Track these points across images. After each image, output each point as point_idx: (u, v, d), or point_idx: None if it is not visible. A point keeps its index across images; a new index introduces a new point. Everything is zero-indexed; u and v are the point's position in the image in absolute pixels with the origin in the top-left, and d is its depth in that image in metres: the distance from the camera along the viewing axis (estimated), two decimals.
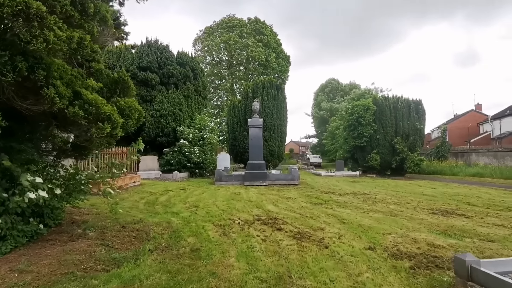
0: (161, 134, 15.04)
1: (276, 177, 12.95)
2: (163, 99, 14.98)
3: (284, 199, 9.18)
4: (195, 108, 16.58)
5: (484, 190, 12.66)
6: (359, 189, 12.11)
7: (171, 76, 15.30)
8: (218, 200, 8.56)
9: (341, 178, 18.35)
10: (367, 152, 20.57)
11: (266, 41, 46.12)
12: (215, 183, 12.87)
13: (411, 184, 15.05)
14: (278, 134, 20.49)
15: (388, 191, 11.62)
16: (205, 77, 18.20)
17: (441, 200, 9.37)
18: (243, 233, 5.17)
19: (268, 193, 10.37)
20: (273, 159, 20.54)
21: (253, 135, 13.02)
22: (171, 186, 11.18)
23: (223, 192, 10.16)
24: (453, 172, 20.48)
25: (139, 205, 7.31)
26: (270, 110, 20.20)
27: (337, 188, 12.24)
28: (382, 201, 9.08)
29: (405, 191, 11.73)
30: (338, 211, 7.46)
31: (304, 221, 6.20)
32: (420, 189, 12.64)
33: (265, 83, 20.87)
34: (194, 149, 14.77)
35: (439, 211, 7.50)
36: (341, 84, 58.80)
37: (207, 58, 48.69)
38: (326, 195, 10.14)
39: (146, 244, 4.34)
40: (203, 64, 47.86)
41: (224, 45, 43.63)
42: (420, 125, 20.01)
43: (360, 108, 20.59)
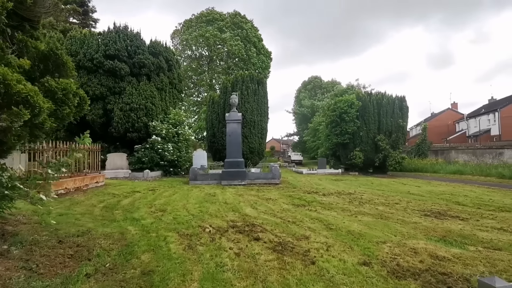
0: (132, 130, 13.82)
1: (255, 175, 12.14)
2: (134, 91, 13.74)
3: (264, 200, 8.37)
4: (169, 102, 15.44)
5: (468, 188, 12.43)
6: (343, 188, 11.52)
7: (143, 67, 14.08)
8: (190, 203, 7.64)
9: (323, 176, 17.80)
10: (350, 149, 20.16)
11: (246, 35, 45.12)
12: (189, 182, 11.90)
13: (395, 183, 14.68)
14: (259, 130, 19.69)
15: (374, 190, 11.08)
16: (181, 69, 17.08)
17: (430, 200, 8.89)
18: (213, 245, 4.30)
19: (246, 193, 9.53)
20: (253, 157, 19.73)
21: (231, 131, 12.13)
22: (140, 187, 10.11)
23: (197, 193, 9.22)
24: (434, 170, 20.46)
25: (94, 211, 6.26)
26: (250, 105, 19.34)
27: (321, 187, 11.59)
28: (369, 201, 8.46)
29: (391, 190, 11.25)
30: (323, 214, 6.75)
31: (285, 227, 5.41)
32: (405, 188, 12.23)
33: (245, 77, 19.98)
34: (168, 145, 13.68)
35: (431, 213, 6.94)
36: (323, 82, 58.87)
37: (187, 52, 47.18)
38: (309, 195, 9.43)
39: (84, 266, 3.39)
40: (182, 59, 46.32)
41: (203, 39, 42.22)
42: (403, 122, 19.81)
43: (344, 104, 20.12)
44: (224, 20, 44.87)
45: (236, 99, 12.42)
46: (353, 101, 20.03)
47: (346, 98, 20.66)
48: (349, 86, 31.43)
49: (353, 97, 20.50)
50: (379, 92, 20.86)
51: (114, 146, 14.45)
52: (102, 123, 13.78)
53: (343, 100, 20.51)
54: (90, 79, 13.39)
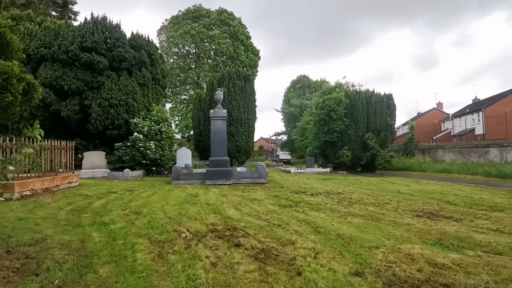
0: (111, 127, 13.10)
1: (241, 175, 11.66)
2: (113, 86, 13.01)
3: (249, 201, 7.92)
4: (152, 98, 14.77)
5: (456, 187, 12.30)
6: (331, 188, 11.17)
7: (123, 61, 13.36)
8: (169, 204, 7.10)
9: (311, 175, 17.48)
10: (338, 148, 19.92)
11: (234, 32, 44.54)
12: (172, 182, 11.32)
13: (384, 181, 14.48)
14: (246, 128, 19.21)
15: (363, 190, 10.78)
16: (164, 65, 16.41)
17: (421, 200, 8.62)
18: (188, 253, 3.82)
19: (231, 193, 9.05)
20: (240, 156, 19.25)
21: (216, 128, 11.61)
22: (117, 187, 9.48)
23: (178, 194, 8.68)
24: (421, 169, 20.45)
25: (59, 215, 5.66)
26: (237, 102, 18.84)
27: (308, 187, 11.22)
28: (359, 201, 8.12)
29: (380, 189, 10.97)
30: (311, 215, 6.34)
31: (270, 231, 4.97)
32: (394, 187, 12.00)
33: (232, 74, 19.46)
34: (150, 144, 13.04)
35: (423, 213, 6.63)
36: (312, 81, 58.88)
37: (173, 49, 46.22)
38: (297, 195, 9.03)
39: (29, 283, 2.85)
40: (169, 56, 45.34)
41: (189, 36, 41.39)
42: (391, 121, 19.69)
43: (332, 102, 19.86)
44: (211, 17, 44.13)
45: (221, 95, 11.90)
46: (341, 98, 19.79)
47: (334, 96, 20.41)
48: (337, 84, 31.26)
49: (341, 95, 20.27)
50: (368, 90, 20.70)
51: (93, 144, 13.71)
52: (79, 120, 13.01)
53: (331, 98, 20.26)
54: (65, 72, 12.59)
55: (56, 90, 12.64)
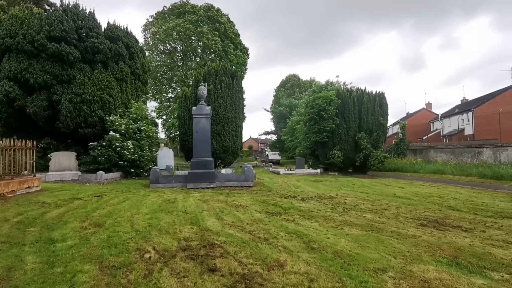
0: (84, 125, 12.03)
1: (226, 177, 10.82)
2: (86, 80, 11.95)
3: (233, 207, 7.09)
4: (131, 95, 13.75)
5: (453, 190, 11.78)
6: (323, 191, 10.46)
7: (98, 53, 12.30)
8: (140, 213, 6.21)
9: (301, 177, 16.79)
10: (329, 148, 19.30)
11: (223, 30, 43.65)
12: (150, 185, 10.39)
13: (377, 183, 13.89)
14: (233, 127, 18.35)
15: (357, 193, 10.11)
16: (145, 59, 15.37)
17: (420, 205, 7.98)
18: (146, 284, 2.96)
19: (213, 199, 8.20)
20: (227, 156, 18.38)
21: (199, 127, 10.73)
22: (85, 192, 8.51)
23: (154, 199, 7.78)
24: (414, 169, 20.04)
25: (1, 229, 4.71)
26: (223, 100, 17.95)
27: (299, 190, 10.47)
28: (354, 207, 7.41)
29: (375, 193, 10.32)
30: (302, 225, 5.58)
31: (255, 248, 4.17)
32: (390, 190, 11.39)
33: (218, 70, 18.56)
34: (128, 143, 12.05)
35: (428, 222, 5.96)
36: (302, 81, 58.50)
37: (159, 46, 44.93)
38: (286, 200, 8.26)
39: None
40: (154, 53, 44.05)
41: (176, 32, 40.22)
42: (383, 120, 19.19)
43: (322, 101, 19.22)
44: (198, 13, 42.99)
45: (205, 90, 11.03)
46: (331, 98, 19.17)
47: (324, 95, 19.80)
48: (328, 83, 30.68)
49: (332, 94, 19.66)
50: (359, 88, 20.17)
51: (65, 144, 12.62)
52: (47, 117, 11.90)
53: (322, 97, 19.63)
54: (31, 64, 11.46)
55: (21, 84, 11.50)
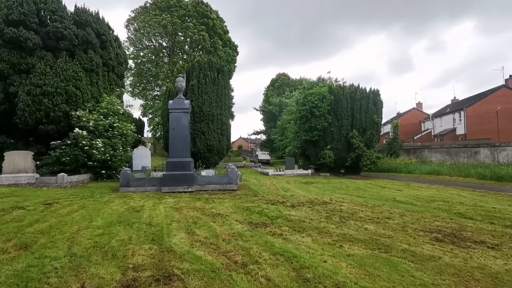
0: (46, 121, 10.69)
1: (207, 180, 9.66)
2: (48, 70, 10.61)
3: (210, 217, 5.98)
4: (104, 88, 12.43)
5: (454, 192, 10.94)
6: (316, 195, 9.44)
7: (62, 39, 10.95)
8: (91, 227, 5.04)
9: (291, 178, 15.76)
10: (320, 147, 18.34)
11: (212, 25, 42.42)
12: (119, 189, 9.16)
13: (373, 185, 12.98)
14: (218, 125, 17.20)
15: (353, 197, 9.11)
16: (121, 49, 14.02)
17: (426, 211, 7.02)
18: None
19: (189, 206, 7.06)
20: (212, 156, 17.23)
21: (176, 123, 9.55)
22: (35, 199, 7.25)
23: (116, 207, 6.58)
24: (408, 170, 19.28)
25: None
26: (208, 96, 16.79)
27: (288, 194, 9.41)
28: (352, 215, 6.39)
29: (372, 196, 9.35)
30: (292, 241, 4.54)
31: (227, 281, 3.07)
32: (387, 192, 10.46)
33: (203, 64, 17.39)
34: (96, 142, 10.75)
35: (442, 235, 4.99)
36: (291, 80, 57.72)
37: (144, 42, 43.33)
38: (274, 207, 7.18)
39: None
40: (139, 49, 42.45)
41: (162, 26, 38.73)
42: (378, 118, 18.34)
43: (315, 97, 18.23)
44: (186, 8, 41.58)
45: (183, 82, 9.85)
46: (324, 94, 18.22)
47: (317, 91, 18.82)
48: (320, 79, 29.67)
49: (325, 90, 18.70)
50: (353, 85, 19.27)
51: (25, 142, 11.23)
52: (3, 112, 10.52)
53: (314, 93, 18.65)
54: None
55: None
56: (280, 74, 61.13)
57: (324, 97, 18.10)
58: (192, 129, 16.49)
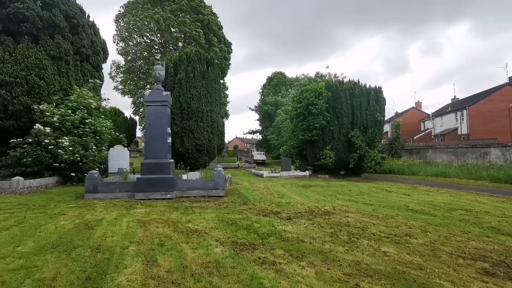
0: (4, 115, 9.28)
1: (189, 185, 8.33)
2: (8, 57, 9.19)
3: (183, 236, 4.68)
4: (76, 79, 11.03)
5: (471, 198, 9.74)
6: (315, 202, 8.17)
7: (23, 21, 9.54)
8: (13, 254, 3.74)
9: (288, 181, 14.50)
10: (319, 147, 17.08)
11: (207, 22, 41.20)
12: (84, 196, 7.80)
13: (377, 189, 11.78)
14: (208, 123, 15.85)
15: (359, 205, 7.86)
16: (98, 37, 12.56)
17: (452, 225, 5.79)
18: None
19: (161, 218, 5.74)
20: (202, 157, 15.87)
21: (153, 117, 8.21)
22: None
23: (63, 223, 5.24)
24: (412, 171, 18.10)
25: None
26: (197, 91, 15.44)
27: (284, 201, 8.12)
28: (363, 231, 5.15)
29: (380, 203, 8.11)
30: (288, 275, 3.34)
31: None
32: (395, 198, 9.24)
33: (191, 56, 16.02)
34: (63, 140, 9.38)
35: (489, 263, 3.79)
36: (288, 78, 56.55)
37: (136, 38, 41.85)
38: (266, 219, 5.90)
39: None
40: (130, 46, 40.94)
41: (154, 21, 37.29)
42: (380, 116, 17.14)
43: (311, 94, 16.98)
44: (180, 3, 40.15)
45: (162, 71, 8.51)
46: (321, 90, 16.95)
47: (313, 87, 17.56)
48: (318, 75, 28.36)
49: (321, 85, 17.44)
50: (352, 80, 18.03)
51: None
52: None
53: (310, 90, 17.39)
54: None
55: None
56: (276, 72, 59.89)
57: (320, 93, 16.83)
58: (180, 127, 15.15)
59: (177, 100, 15.14)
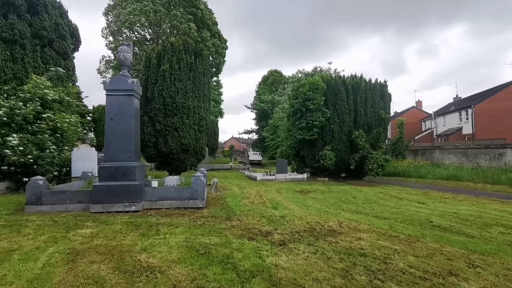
0: None
1: (160, 194, 6.74)
2: None
3: (127, 277, 3.16)
4: (33, 67, 9.43)
5: (497, 207, 8.33)
6: (316, 215, 6.66)
7: None
8: None
9: (283, 185, 13.00)
10: (318, 148, 15.59)
11: (201, 16, 39.67)
12: (25, 209, 6.22)
13: (385, 195, 10.34)
14: (195, 120, 14.27)
15: (370, 219, 6.36)
16: (65, 19, 10.95)
17: (502, 253, 4.33)
18: None
19: (108, 245, 4.19)
20: (188, 157, 14.30)
21: (115, 110, 6.64)
22: None
23: None
24: (419, 174, 16.68)
25: None
26: (183, 84, 13.85)
27: (278, 214, 6.59)
28: (386, 266, 3.67)
29: (396, 216, 6.62)
30: None
31: None
32: (410, 208, 7.79)
33: (177, 45, 14.42)
34: (12, 138, 7.78)
35: None
36: (284, 77, 55.06)
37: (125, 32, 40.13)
38: (252, 245, 4.39)
39: None
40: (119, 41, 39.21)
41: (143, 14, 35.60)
42: (385, 114, 15.68)
43: (307, 88, 15.45)
44: None
45: (128, 53, 6.92)
46: (318, 83, 15.44)
47: (309, 81, 16.03)
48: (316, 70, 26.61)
49: (318, 79, 15.90)
50: (355, 75, 16.53)
51: None
52: None
53: (306, 83, 15.88)
54: None
55: None
56: (273, 70, 58.34)
57: (317, 87, 15.32)
58: (163, 125, 13.58)
59: (160, 94, 13.57)
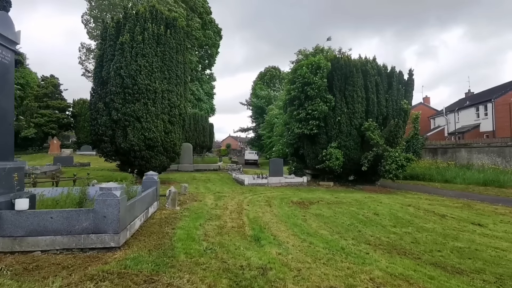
0: None
1: (32, 223, 3.66)
2: None
3: None
4: None
5: None
6: (325, 259, 3.67)
7: None
8: None
9: (277, 192, 10.01)
10: (321, 144, 12.58)
11: (193, 3, 36.79)
12: None
13: (415, 209, 7.47)
14: (165, 108, 11.22)
15: (426, 269, 3.33)
16: None
17: None
18: None
19: None
20: (156, 156, 11.25)
21: None
22: None
23: None
24: (445, 178, 13.74)
25: None
26: (147, 61, 10.80)
27: (256, 260, 3.61)
28: None
29: (468, 259, 3.60)
30: None
31: None
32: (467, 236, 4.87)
33: (142, 13, 11.38)
34: None
35: None
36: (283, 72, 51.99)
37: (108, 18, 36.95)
38: None
39: None
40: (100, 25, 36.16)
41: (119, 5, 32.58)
42: (406, 104, 12.72)
43: (305, 71, 12.41)
44: None
45: None
46: (319, 63, 12.42)
47: (310, 61, 12.99)
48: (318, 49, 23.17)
49: (319, 58, 12.86)
50: (366, 57, 13.46)
51: None
52: None
53: (305, 64, 12.86)
54: None
55: None
56: (270, 67, 55.25)
57: (319, 67, 12.29)
58: (122, 113, 10.54)
59: (117, 73, 10.54)
